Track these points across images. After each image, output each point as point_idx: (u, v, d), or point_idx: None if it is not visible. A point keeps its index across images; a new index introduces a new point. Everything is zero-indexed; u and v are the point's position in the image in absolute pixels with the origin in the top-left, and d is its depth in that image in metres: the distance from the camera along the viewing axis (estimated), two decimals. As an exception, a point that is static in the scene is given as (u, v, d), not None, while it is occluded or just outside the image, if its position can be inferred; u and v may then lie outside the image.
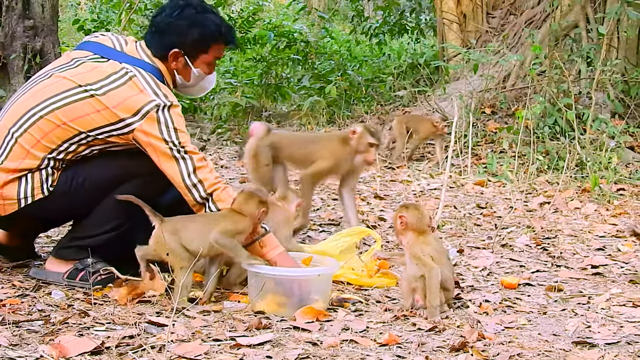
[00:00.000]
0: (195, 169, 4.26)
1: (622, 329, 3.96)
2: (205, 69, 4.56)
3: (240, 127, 11.55)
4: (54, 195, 4.30)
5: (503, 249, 5.76)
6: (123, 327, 3.69)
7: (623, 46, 10.50)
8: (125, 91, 4.25)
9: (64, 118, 4.24)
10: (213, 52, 4.53)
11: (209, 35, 4.47)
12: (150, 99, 4.23)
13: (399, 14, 15.37)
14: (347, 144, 5.76)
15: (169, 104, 4.25)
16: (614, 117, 9.51)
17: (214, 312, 4.03)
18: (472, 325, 3.89)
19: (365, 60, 15.29)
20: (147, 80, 4.29)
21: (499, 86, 10.46)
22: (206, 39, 4.47)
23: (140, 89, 4.25)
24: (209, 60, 4.53)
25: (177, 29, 4.43)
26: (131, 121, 4.22)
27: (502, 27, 12.58)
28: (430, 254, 4.12)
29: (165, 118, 4.22)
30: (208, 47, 4.49)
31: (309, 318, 3.95)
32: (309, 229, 6.22)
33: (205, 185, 4.27)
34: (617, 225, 6.51)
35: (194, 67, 4.50)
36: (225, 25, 4.55)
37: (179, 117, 4.29)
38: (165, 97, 4.26)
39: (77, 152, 4.32)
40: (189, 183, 4.26)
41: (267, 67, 13.46)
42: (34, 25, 9.24)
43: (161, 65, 4.44)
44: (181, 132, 4.26)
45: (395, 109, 12.05)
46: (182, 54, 4.45)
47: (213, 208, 4.29)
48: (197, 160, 4.27)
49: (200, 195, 4.27)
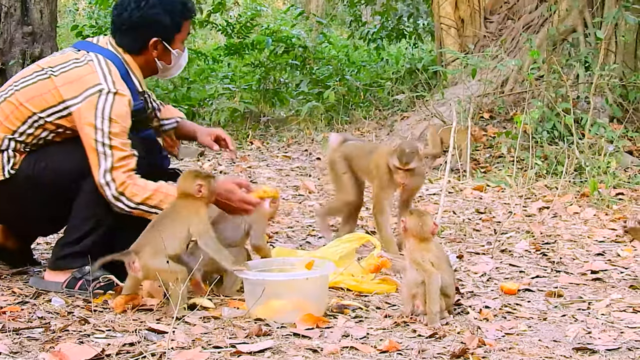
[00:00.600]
0: (112, 168, 4.23)
1: (623, 335, 3.95)
2: (181, 47, 4.67)
3: (238, 133, 11.55)
4: (16, 178, 4.34)
5: (502, 254, 5.75)
6: (123, 335, 3.69)
7: (621, 50, 10.50)
8: (77, 72, 4.35)
9: (21, 99, 4.35)
10: (184, 29, 4.65)
11: (179, 16, 4.58)
12: (97, 82, 4.29)
13: (397, 19, 15.39)
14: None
15: (114, 91, 4.29)
16: (612, 122, 9.52)
17: (213, 319, 4.02)
18: (472, 332, 3.89)
19: (363, 65, 15.30)
20: (101, 65, 4.37)
21: (497, 91, 10.47)
22: (178, 20, 4.58)
23: (92, 71, 4.34)
24: (183, 38, 4.66)
25: (151, 20, 4.51)
26: (72, 103, 4.28)
27: (500, 31, 12.59)
28: (431, 260, 4.12)
29: (104, 104, 4.25)
30: (180, 26, 4.60)
31: (309, 324, 3.94)
32: (309, 235, 6.22)
33: (117, 184, 4.24)
34: (616, 230, 6.50)
35: (173, 50, 4.61)
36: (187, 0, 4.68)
37: (120, 107, 4.29)
38: (113, 84, 4.31)
39: (37, 136, 4.37)
40: (102, 181, 4.24)
41: (265, 73, 13.47)
42: (32, 31, 9.25)
43: (131, 58, 4.54)
44: (115, 123, 4.25)
45: (393, 114, 12.06)
46: (161, 40, 4.55)
47: (128, 203, 4.27)
48: (116, 160, 4.24)
49: (112, 194, 4.25)
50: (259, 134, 11.91)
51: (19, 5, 9.19)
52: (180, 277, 4.02)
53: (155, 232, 4.10)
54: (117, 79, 4.36)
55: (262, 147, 11.03)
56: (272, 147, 11.05)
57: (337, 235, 5.63)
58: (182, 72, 14.11)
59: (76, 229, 4.43)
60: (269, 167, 9.54)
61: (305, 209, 7.18)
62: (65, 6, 21.56)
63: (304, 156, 10.37)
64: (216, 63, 15.28)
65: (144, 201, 4.28)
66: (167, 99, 12.56)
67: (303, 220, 6.75)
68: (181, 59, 4.74)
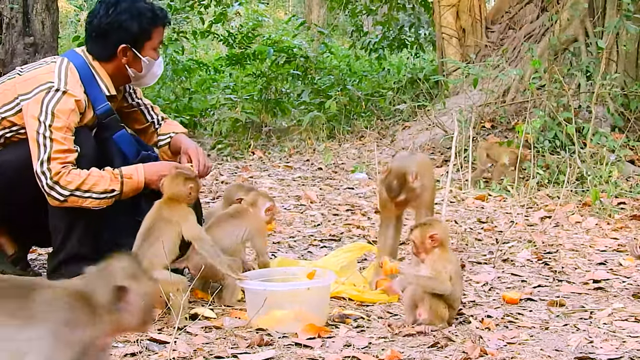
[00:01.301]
0: (49, 158, 4.27)
1: (625, 344, 3.95)
2: (153, 54, 4.66)
3: (240, 143, 11.56)
4: None
5: (504, 263, 5.75)
6: (125, 345, 3.68)
7: (622, 60, 10.51)
8: (36, 72, 4.48)
9: None
10: (155, 36, 4.64)
11: (148, 22, 4.58)
12: (50, 79, 4.38)
13: (398, 29, 15.40)
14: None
15: (63, 90, 4.36)
16: (613, 131, 9.52)
17: (215, 328, 4.02)
18: (474, 341, 3.88)
19: (365, 75, 15.32)
20: (61, 67, 4.46)
21: (499, 100, 10.47)
22: (147, 27, 4.58)
23: (50, 71, 4.43)
24: (154, 45, 4.65)
25: (118, 26, 4.55)
26: (23, 98, 4.37)
27: (501, 41, 12.61)
28: (451, 274, 4.12)
29: (50, 99, 4.32)
30: (150, 33, 4.61)
31: (311, 334, 3.94)
32: (310, 245, 6.22)
33: (51, 173, 4.27)
34: (618, 239, 6.50)
35: (143, 57, 4.61)
36: (158, 8, 4.68)
37: (65, 104, 4.35)
38: (65, 84, 4.38)
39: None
40: (39, 170, 4.29)
41: (266, 83, 13.49)
42: (34, 42, 9.25)
43: (99, 65, 4.59)
44: (57, 118, 4.31)
45: (395, 123, 12.07)
46: (130, 47, 4.56)
47: (62, 191, 4.29)
48: (54, 151, 4.28)
49: (47, 183, 4.29)
50: (261, 144, 11.92)
51: (21, 16, 9.20)
52: (181, 287, 4.03)
53: (149, 245, 4.12)
54: (71, 81, 4.43)
55: (263, 157, 11.04)
56: (273, 157, 11.06)
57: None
58: (184, 82, 14.21)
59: (57, 232, 4.50)
60: (271, 177, 9.54)
61: (306, 219, 7.18)
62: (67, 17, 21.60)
63: (306, 166, 10.37)
64: (218, 73, 15.30)
65: (77, 187, 4.31)
66: (169, 109, 12.58)
67: (305, 230, 6.75)
68: (155, 67, 4.74)
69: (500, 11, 13.18)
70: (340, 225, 6.94)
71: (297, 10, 27.65)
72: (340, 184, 9.10)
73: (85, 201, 4.34)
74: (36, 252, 5.50)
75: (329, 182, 9.21)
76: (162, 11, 4.70)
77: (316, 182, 9.23)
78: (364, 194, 8.43)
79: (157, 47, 4.69)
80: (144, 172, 4.46)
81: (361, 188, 8.80)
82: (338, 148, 11.22)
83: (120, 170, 4.42)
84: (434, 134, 10.35)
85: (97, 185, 4.33)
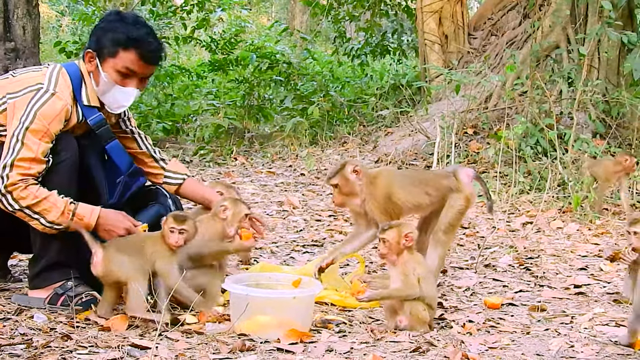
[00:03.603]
0: (11, 164, 4.21)
1: (605, 349, 3.97)
2: (114, 75, 4.48)
3: (222, 149, 11.54)
4: None
5: (486, 269, 5.76)
6: (106, 351, 3.67)
7: (604, 66, 10.55)
8: (29, 74, 4.48)
9: None
10: (122, 59, 4.46)
11: (117, 40, 4.45)
12: (40, 81, 4.36)
13: (381, 35, 15.42)
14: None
15: (52, 92, 4.33)
16: (595, 137, 9.55)
17: (197, 334, 4.01)
18: (455, 346, 3.89)
19: (348, 81, 15.32)
20: (53, 71, 4.44)
21: (481, 107, 10.49)
22: (114, 44, 4.46)
23: (42, 74, 4.42)
24: (117, 66, 4.47)
25: (96, 32, 4.55)
26: (11, 97, 4.34)
27: (483, 47, 12.65)
28: (420, 274, 4.14)
29: (37, 100, 4.29)
30: (115, 52, 4.46)
31: (293, 339, 3.93)
32: (293, 250, 6.22)
33: (8, 182, 4.20)
34: (599, 244, 6.54)
35: (102, 71, 4.49)
36: (142, 38, 4.48)
37: (51, 107, 4.31)
38: (54, 86, 4.36)
39: None
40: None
41: (249, 89, 13.47)
42: (15, 47, 9.20)
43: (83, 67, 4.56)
44: (38, 121, 4.25)
45: (377, 129, 12.08)
46: (95, 56, 4.50)
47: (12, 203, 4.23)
48: (19, 159, 4.21)
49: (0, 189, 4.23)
50: (243, 150, 11.91)
51: (1, 22, 9.15)
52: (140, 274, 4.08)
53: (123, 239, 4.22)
54: (61, 85, 4.40)
55: (246, 163, 11.03)
56: (256, 163, 11.05)
57: None
58: (167, 88, 14.18)
59: (35, 237, 4.43)
60: (253, 182, 9.53)
61: (289, 225, 7.18)
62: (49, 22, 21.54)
63: (288, 172, 10.37)
64: (200, 79, 15.28)
65: (29, 206, 4.23)
66: (151, 115, 12.55)
67: (287, 236, 6.75)
68: (119, 92, 4.54)
69: (482, 18, 13.21)
70: (322, 230, 6.95)
71: (280, 16, 27.68)
72: (323, 189, 9.10)
73: (32, 221, 4.28)
74: (17, 258, 5.46)
75: (312, 188, 9.21)
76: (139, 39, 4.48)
77: (299, 188, 9.24)
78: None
79: (123, 72, 4.48)
80: (97, 218, 4.35)
81: (344, 194, 8.78)
82: (321, 154, 11.22)
83: (75, 207, 4.30)
84: (416, 140, 10.36)
85: (49, 212, 4.25)
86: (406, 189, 4.99)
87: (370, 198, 4.90)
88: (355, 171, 4.89)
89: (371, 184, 4.91)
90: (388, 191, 4.92)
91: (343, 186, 4.92)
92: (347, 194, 4.94)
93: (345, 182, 4.91)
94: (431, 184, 5.06)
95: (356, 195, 4.94)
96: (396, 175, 5.15)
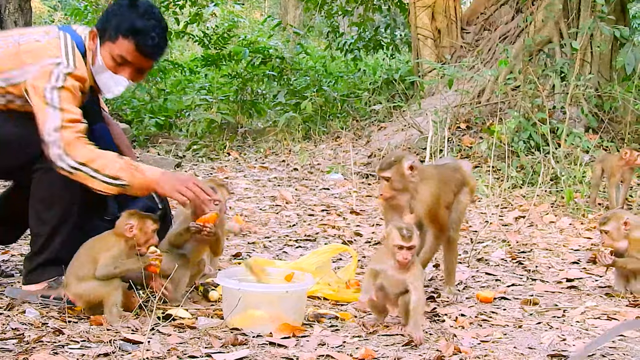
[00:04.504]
0: (60, 127, 4.16)
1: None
2: (109, 61, 4.45)
3: (215, 144, 11.53)
4: None
5: (479, 263, 5.77)
6: (98, 345, 3.66)
7: (596, 61, 10.58)
8: (42, 44, 4.36)
9: None
10: (119, 46, 4.41)
11: (120, 27, 4.40)
12: (58, 56, 4.30)
13: (374, 30, 15.43)
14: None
15: (70, 70, 4.28)
16: (587, 132, 9.57)
17: (189, 328, 4.01)
18: (447, 339, 3.89)
19: (341, 76, 15.33)
20: (66, 43, 4.37)
21: (474, 101, 10.51)
22: (117, 29, 4.41)
23: (56, 46, 4.34)
24: (114, 52, 4.42)
25: (106, 13, 4.51)
26: (28, 69, 4.27)
27: (476, 42, 12.67)
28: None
29: (57, 76, 4.24)
30: (115, 38, 4.41)
31: (285, 334, 3.93)
32: (286, 245, 6.22)
33: (64, 142, 4.15)
34: (591, 238, 6.55)
35: (99, 53, 4.45)
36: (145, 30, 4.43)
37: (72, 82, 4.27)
38: (73, 63, 4.31)
39: None
40: (49, 139, 4.17)
41: (242, 84, 13.47)
42: (7, 42, 9.18)
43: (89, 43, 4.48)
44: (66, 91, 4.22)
45: (370, 124, 12.09)
46: (97, 35, 4.46)
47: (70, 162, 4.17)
48: (66, 120, 4.18)
49: (57, 152, 4.17)
50: (236, 145, 11.90)
51: (-6, 17, 9.15)
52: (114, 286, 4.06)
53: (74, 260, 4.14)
54: (77, 59, 4.34)
55: (239, 157, 11.02)
56: (249, 158, 11.05)
57: None
58: (159, 83, 14.17)
59: (38, 236, 4.42)
60: (246, 177, 9.53)
61: (282, 220, 7.17)
62: (41, 18, 21.48)
63: (282, 167, 10.37)
64: (193, 74, 15.27)
65: (86, 163, 4.17)
66: (144, 111, 12.54)
67: (280, 231, 6.75)
68: (111, 79, 4.50)
69: (475, 12, 13.23)
70: (315, 225, 6.95)
71: (272, 11, 27.64)
72: (316, 184, 9.11)
73: (92, 181, 4.19)
74: (9, 254, 5.46)
75: (305, 183, 9.21)
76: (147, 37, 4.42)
77: (292, 183, 9.24)
78: (339, 195, 8.44)
79: (117, 60, 4.44)
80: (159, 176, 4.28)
81: (337, 189, 8.81)
82: (314, 149, 11.23)
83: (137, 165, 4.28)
84: (409, 135, 10.36)
85: (106, 168, 4.18)
86: (445, 189, 4.81)
87: (423, 198, 4.65)
88: (412, 167, 4.60)
89: (424, 182, 4.67)
90: (439, 192, 4.70)
91: (396, 181, 4.63)
92: (397, 189, 4.65)
93: (399, 178, 4.63)
94: (453, 181, 4.90)
95: (407, 192, 4.67)
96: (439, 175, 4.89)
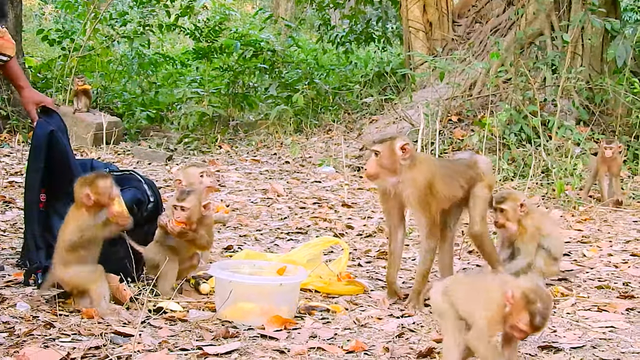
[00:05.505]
0: None
1: (588, 333, 3.99)
2: None
3: (207, 137, 11.52)
4: None
5: (470, 255, 5.78)
6: (89, 338, 3.66)
7: (587, 54, 10.59)
8: None
9: None
10: None
11: None
12: None
13: (366, 23, 15.41)
14: None
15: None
16: (578, 124, 9.58)
17: (180, 321, 4.01)
18: (438, 331, 3.90)
19: (332, 68, 15.31)
20: None
21: (465, 94, 10.51)
22: None
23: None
24: None
25: None
26: None
27: (468, 35, 12.66)
28: None
29: None
30: None
31: (277, 326, 3.94)
32: (277, 238, 6.21)
33: None
34: (582, 231, 6.56)
35: None
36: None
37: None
38: None
39: None
40: None
41: (234, 77, 13.44)
42: (-3, 35, 9.15)
43: None
44: None
45: (362, 117, 12.09)
46: None
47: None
48: None
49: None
50: (228, 138, 11.89)
51: (-16, 9, 9.12)
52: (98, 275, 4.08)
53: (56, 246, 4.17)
54: None
55: (231, 151, 11.01)
56: (241, 151, 11.04)
57: None
58: (151, 76, 14.14)
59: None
60: (238, 170, 9.52)
61: (273, 212, 7.17)
62: (31, 10, 21.40)
63: (273, 160, 10.36)
64: (184, 67, 15.23)
65: None
66: (135, 104, 12.51)
67: (271, 223, 6.74)
68: None
69: (466, 5, 13.23)
70: (307, 218, 6.94)
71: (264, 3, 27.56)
72: (308, 177, 9.11)
73: None
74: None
75: (296, 176, 9.21)
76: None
77: (283, 176, 9.23)
78: (331, 187, 8.44)
79: None
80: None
81: (328, 181, 8.80)
82: (305, 142, 11.22)
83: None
84: (401, 127, 10.35)
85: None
86: (445, 180, 4.69)
87: (411, 184, 4.53)
88: (404, 148, 4.49)
89: (415, 168, 4.54)
90: (430, 181, 4.56)
91: (384, 157, 4.51)
92: (385, 167, 4.53)
93: (389, 155, 4.51)
94: (463, 176, 4.82)
95: (394, 173, 4.54)
96: (438, 166, 4.80)
